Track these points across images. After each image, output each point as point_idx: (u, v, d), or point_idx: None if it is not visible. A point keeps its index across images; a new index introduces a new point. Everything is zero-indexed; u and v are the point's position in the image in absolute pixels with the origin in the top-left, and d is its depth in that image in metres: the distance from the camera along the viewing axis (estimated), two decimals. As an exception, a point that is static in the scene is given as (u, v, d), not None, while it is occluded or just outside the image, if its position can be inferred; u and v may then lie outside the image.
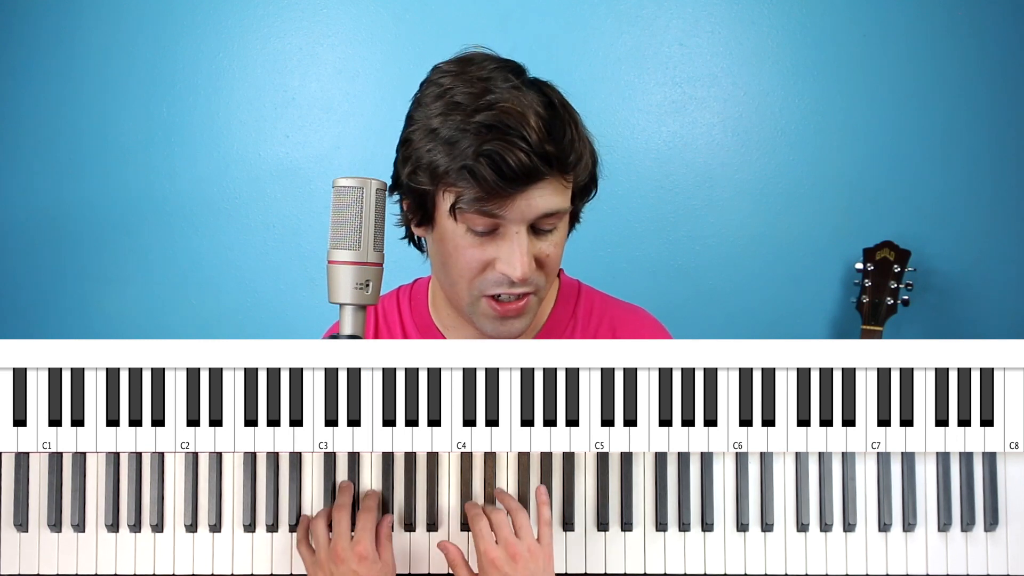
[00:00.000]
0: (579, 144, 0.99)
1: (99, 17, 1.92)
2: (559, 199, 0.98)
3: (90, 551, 0.93)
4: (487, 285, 1.00)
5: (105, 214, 1.95)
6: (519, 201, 0.95)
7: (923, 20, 1.84)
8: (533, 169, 0.93)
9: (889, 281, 1.76)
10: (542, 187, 0.95)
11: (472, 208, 0.95)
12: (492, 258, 0.99)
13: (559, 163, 0.96)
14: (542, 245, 1.00)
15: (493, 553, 0.87)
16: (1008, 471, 0.93)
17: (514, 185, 0.93)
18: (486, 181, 0.93)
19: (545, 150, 0.93)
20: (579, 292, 1.19)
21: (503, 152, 0.92)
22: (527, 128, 0.93)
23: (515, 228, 0.97)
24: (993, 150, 1.85)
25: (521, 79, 0.99)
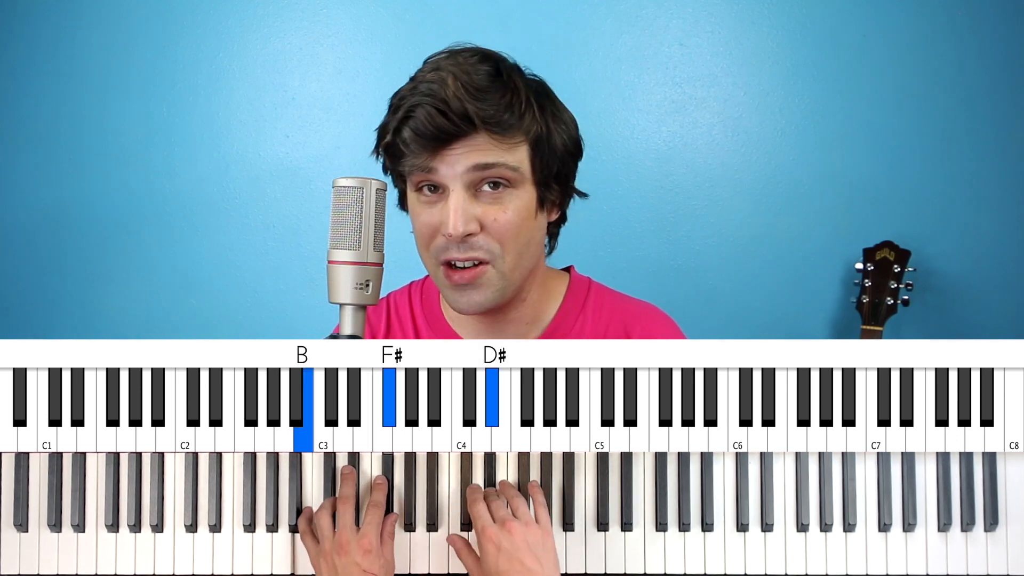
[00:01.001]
0: (521, 108, 1.02)
1: (99, 17, 1.92)
2: (495, 155, 1.01)
3: (90, 551, 0.93)
4: (438, 250, 1.04)
5: (105, 214, 1.95)
6: (448, 155, 1.00)
7: (923, 20, 1.84)
8: (450, 127, 0.98)
9: (889, 281, 1.76)
10: (471, 142, 1.00)
11: (412, 167, 1.02)
12: (439, 221, 1.03)
13: (485, 122, 0.99)
14: (488, 209, 1.02)
15: (490, 529, 0.88)
16: (1008, 471, 0.93)
17: (435, 142, 0.99)
18: (409, 144, 1.01)
19: (465, 109, 0.98)
20: (589, 288, 1.19)
21: (422, 115, 0.99)
22: (445, 89, 0.99)
23: (452, 185, 1.01)
24: (993, 150, 1.85)
25: (480, 56, 1.04)
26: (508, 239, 1.03)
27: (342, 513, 0.90)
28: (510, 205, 1.02)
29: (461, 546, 0.92)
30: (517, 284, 1.08)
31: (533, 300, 1.14)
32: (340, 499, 0.92)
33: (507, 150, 1.01)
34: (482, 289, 1.04)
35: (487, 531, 0.88)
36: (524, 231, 1.05)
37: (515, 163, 1.02)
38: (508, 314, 1.12)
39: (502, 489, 0.93)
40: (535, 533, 0.88)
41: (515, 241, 1.04)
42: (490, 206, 1.02)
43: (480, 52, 1.05)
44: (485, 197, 1.02)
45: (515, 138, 1.02)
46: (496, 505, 0.90)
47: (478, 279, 1.04)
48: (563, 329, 1.15)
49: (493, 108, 0.99)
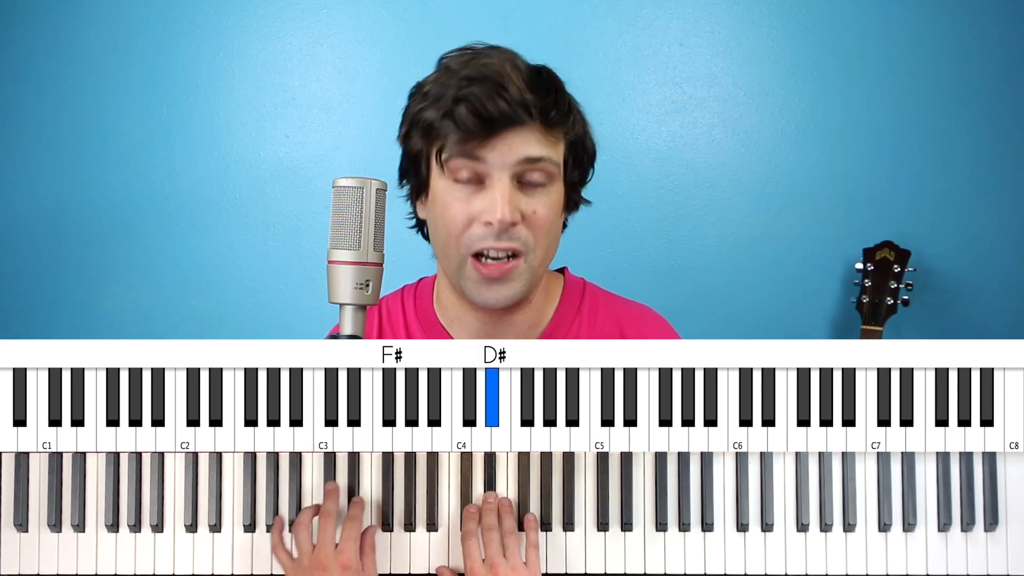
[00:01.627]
0: (564, 105, 1.02)
1: (99, 17, 1.92)
2: (543, 148, 1.00)
3: (90, 551, 0.93)
4: (473, 240, 1.02)
5: (105, 214, 1.95)
6: (499, 144, 0.99)
7: (923, 20, 1.84)
8: (511, 113, 0.97)
9: (889, 281, 1.76)
10: (523, 133, 0.99)
11: (455, 153, 1.00)
12: (477, 211, 1.01)
13: (541, 113, 0.99)
14: (529, 200, 1.02)
15: (478, 570, 0.89)
16: (1008, 471, 0.93)
17: (491, 127, 0.98)
18: (465, 124, 0.98)
19: (524, 98, 0.98)
20: (584, 290, 1.19)
21: (481, 96, 0.97)
22: (506, 77, 0.98)
23: (498, 175, 1.00)
24: (993, 150, 1.85)
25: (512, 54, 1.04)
26: (542, 233, 1.03)
27: (323, 528, 0.90)
28: (547, 200, 1.03)
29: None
30: (537, 280, 1.08)
31: (536, 302, 1.14)
32: (322, 515, 0.91)
33: (552, 145, 1.02)
34: (512, 283, 1.04)
35: (475, 571, 0.89)
36: (555, 227, 1.06)
37: (558, 159, 1.03)
38: (513, 315, 1.12)
39: (501, 516, 0.93)
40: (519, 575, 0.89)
41: (547, 236, 1.04)
42: (531, 199, 1.02)
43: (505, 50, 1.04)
44: (526, 190, 1.02)
45: (558, 134, 1.03)
46: (489, 540, 0.90)
47: (511, 273, 1.03)
48: (560, 331, 1.15)
49: (545, 100, 1.00)
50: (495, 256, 1.02)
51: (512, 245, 1.02)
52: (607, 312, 1.17)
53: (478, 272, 1.03)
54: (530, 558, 0.91)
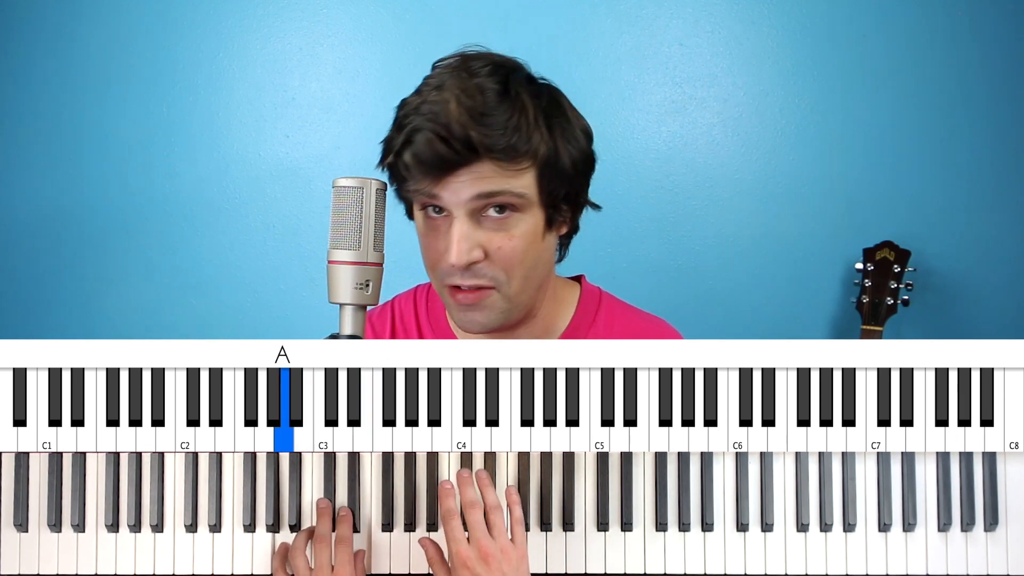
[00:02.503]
0: (528, 131, 0.97)
1: (99, 17, 1.92)
2: (499, 183, 0.96)
3: (90, 551, 0.93)
4: (443, 275, 1.01)
5: (105, 214, 1.95)
6: (451, 183, 0.96)
7: (923, 20, 1.84)
8: (451, 155, 0.94)
9: (889, 281, 1.76)
10: (475, 170, 0.96)
11: (412, 192, 1.00)
12: (444, 247, 0.99)
13: (488, 149, 0.94)
14: (492, 236, 0.98)
15: (465, 553, 0.86)
16: (1008, 471, 0.93)
17: (437, 170, 0.96)
18: (410, 170, 0.97)
19: (467, 135, 0.94)
20: (600, 301, 1.18)
21: (421, 141, 0.95)
22: (450, 116, 0.94)
23: (455, 212, 0.98)
24: (993, 150, 1.85)
25: (489, 69, 0.99)
26: (513, 265, 1.00)
27: (318, 552, 0.90)
28: (516, 231, 0.99)
29: (437, 560, 0.90)
30: (525, 305, 1.06)
31: (544, 314, 1.13)
32: (316, 539, 0.91)
33: (513, 176, 0.97)
34: (486, 311, 1.02)
35: (461, 555, 0.86)
36: (530, 255, 1.01)
37: (521, 189, 0.98)
38: (517, 330, 1.11)
39: (482, 490, 0.91)
40: (510, 560, 0.87)
41: (521, 266, 1.01)
42: (495, 232, 0.98)
43: (490, 62, 1.00)
44: (490, 223, 0.98)
45: (522, 164, 0.97)
46: (472, 521, 0.88)
47: (482, 301, 1.01)
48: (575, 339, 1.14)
49: (498, 132, 0.95)
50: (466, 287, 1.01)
51: (478, 282, 1.00)
52: (623, 324, 1.16)
53: (453, 298, 1.03)
54: (516, 534, 0.89)
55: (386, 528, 0.93)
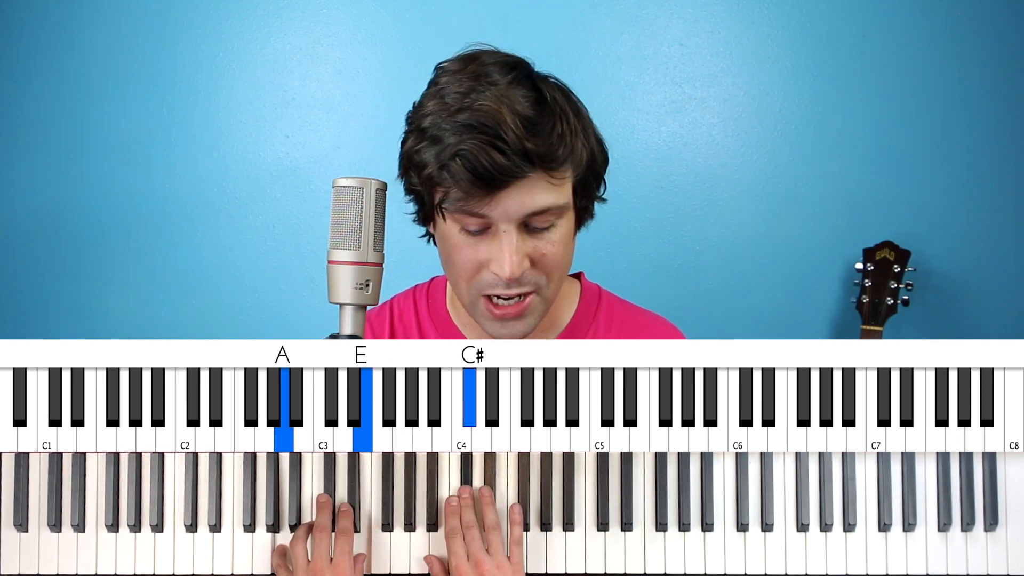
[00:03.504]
0: (571, 138, 0.97)
1: (99, 17, 1.92)
2: (549, 196, 0.96)
3: (90, 551, 0.93)
4: (483, 285, 1.00)
5: (105, 214, 1.95)
6: (504, 200, 0.95)
7: (923, 20, 1.84)
8: (510, 168, 0.92)
9: (889, 281, 1.76)
10: (527, 184, 0.94)
11: (456, 208, 0.96)
12: (485, 258, 0.98)
13: (543, 160, 0.94)
14: (538, 244, 0.99)
15: (463, 569, 0.88)
16: (1008, 471, 0.93)
17: (491, 185, 0.93)
18: (463, 182, 0.93)
19: (525, 147, 0.92)
20: (600, 297, 1.18)
21: (477, 152, 0.92)
22: (504, 127, 0.92)
23: (504, 227, 0.96)
24: (993, 150, 1.85)
25: (515, 74, 0.97)
26: (554, 267, 1.01)
27: (317, 542, 0.90)
28: (556, 236, 1.00)
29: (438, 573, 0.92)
30: (552, 302, 1.07)
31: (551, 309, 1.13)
32: (316, 529, 0.91)
33: (557, 187, 0.97)
34: (527, 319, 1.03)
35: (460, 569, 0.88)
36: (567, 258, 1.04)
37: (563, 201, 0.98)
38: None
39: (483, 510, 0.92)
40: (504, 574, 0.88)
41: (559, 268, 1.02)
42: (539, 241, 0.99)
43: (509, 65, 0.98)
44: (533, 233, 0.98)
45: (566, 172, 0.98)
46: (470, 538, 0.90)
47: (526, 310, 1.02)
48: (577, 336, 1.14)
49: (547, 143, 0.94)
50: (507, 300, 1.01)
51: (523, 290, 1.00)
52: (622, 320, 1.16)
53: (491, 313, 1.02)
54: (514, 554, 0.91)
55: (386, 528, 0.93)
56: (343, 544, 0.90)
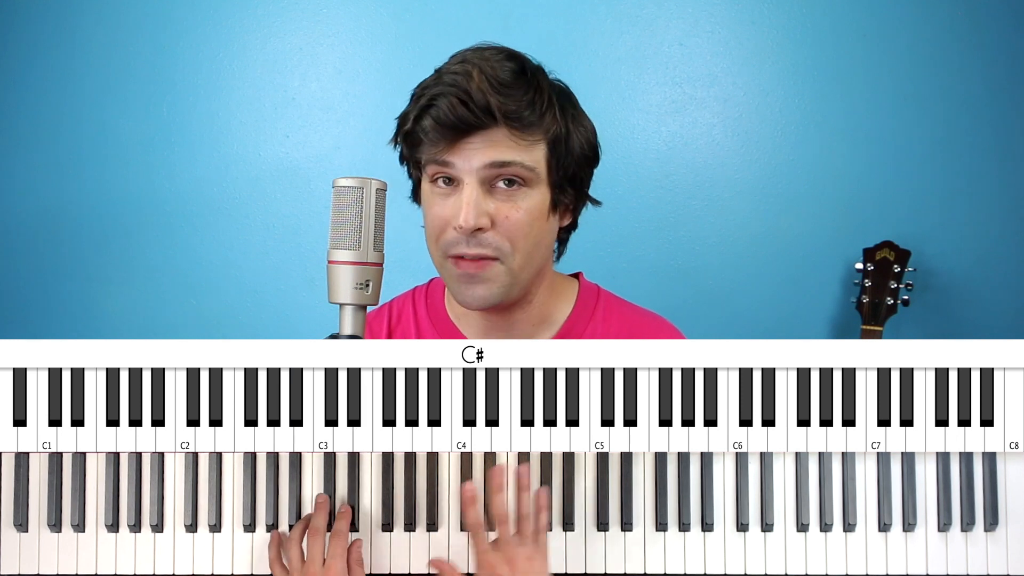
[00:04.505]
0: (543, 106, 1.02)
1: (99, 17, 1.92)
2: (512, 152, 1.00)
3: (90, 551, 0.93)
4: (448, 244, 1.03)
5: (105, 214, 1.94)
6: (465, 149, 1.00)
7: (923, 20, 1.84)
8: (470, 118, 0.98)
9: (889, 281, 1.76)
10: (490, 137, 1.00)
11: (428, 158, 1.02)
12: (451, 214, 1.02)
13: (506, 117, 0.99)
14: (500, 205, 1.02)
15: (492, 560, 0.88)
16: (1008, 471, 0.93)
17: (455, 133, 0.99)
18: (427, 131, 1.00)
19: (487, 101, 0.98)
20: (598, 296, 1.19)
21: (443, 104, 0.99)
22: (471, 82, 0.98)
23: (467, 180, 1.01)
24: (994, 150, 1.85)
25: (505, 53, 1.04)
26: (519, 237, 1.03)
27: (311, 545, 0.90)
28: (523, 204, 1.02)
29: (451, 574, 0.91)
30: (524, 284, 1.08)
31: (540, 302, 1.14)
32: (311, 531, 0.91)
33: (525, 148, 1.01)
34: (488, 283, 1.04)
35: (488, 562, 0.88)
36: (535, 231, 1.04)
37: (532, 163, 1.02)
38: (514, 314, 1.12)
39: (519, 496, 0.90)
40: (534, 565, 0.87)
41: (525, 240, 1.03)
42: (503, 203, 1.02)
43: (507, 51, 1.05)
44: (499, 194, 1.02)
45: (534, 136, 1.01)
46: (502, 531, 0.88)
47: (485, 271, 1.03)
48: (575, 333, 1.15)
49: (515, 104, 0.99)
50: (471, 256, 1.03)
51: (482, 251, 1.02)
52: (620, 319, 1.17)
53: (456, 268, 1.04)
54: (540, 541, 0.89)
55: (386, 528, 0.93)
56: (336, 546, 0.90)
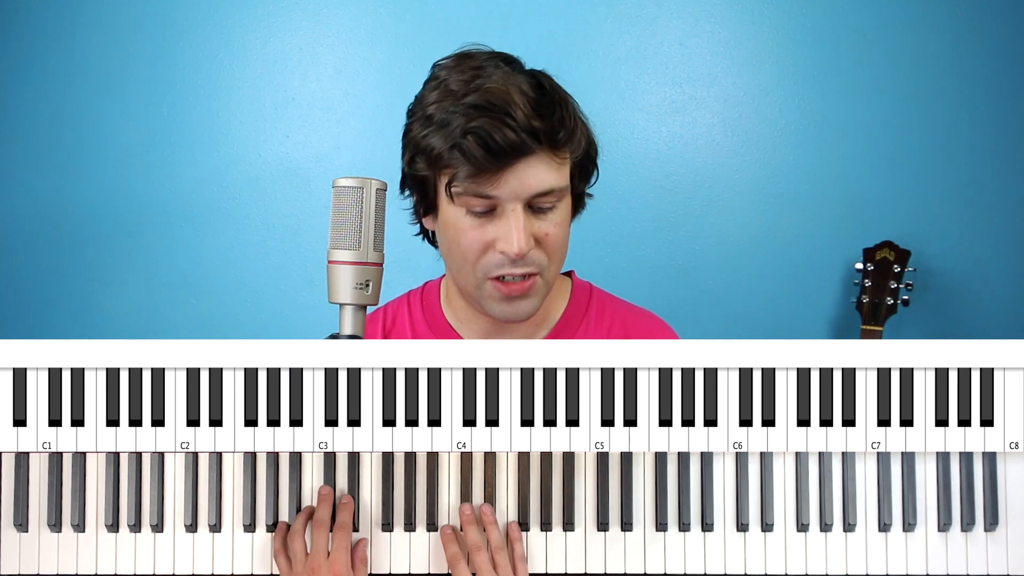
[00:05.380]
0: (570, 122, 1.02)
1: (99, 17, 1.92)
2: (553, 176, 1.00)
3: (90, 551, 0.93)
4: (490, 267, 1.02)
5: (105, 214, 1.94)
6: (510, 178, 0.98)
7: (923, 20, 1.84)
8: (520, 144, 0.96)
9: (889, 281, 1.76)
10: (533, 163, 0.98)
11: (465, 187, 0.99)
12: (492, 239, 1.01)
13: (548, 138, 0.98)
14: (541, 224, 1.02)
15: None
16: (1008, 471, 0.93)
17: (501, 160, 0.96)
18: (475, 158, 0.96)
19: (532, 126, 0.96)
20: (591, 294, 1.19)
21: (489, 128, 0.95)
22: (512, 105, 0.96)
23: (511, 206, 1.00)
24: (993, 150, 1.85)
25: (512, 65, 1.03)
26: (555, 249, 1.05)
27: (316, 537, 0.90)
28: (557, 218, 1.04)
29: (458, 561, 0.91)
30: (551, 288, 1.10)
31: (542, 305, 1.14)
32: (315, 523, 0.91)
33: (559, 168, 1.01)
34: (531, 299, 1.06)
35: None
36: (566, 240, 1.07)
37: (565, 183, 1.03)
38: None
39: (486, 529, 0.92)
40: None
41: (561, 251, 1.06)
42: (543, 222, 1.03)
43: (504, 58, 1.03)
44: (538, 214, 1.02)
45: (567, 154, 1.02)
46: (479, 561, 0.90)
47: (531, 289, 1.04)
48: (568, 332, 1.15)
49: (550, 124, 0.99)
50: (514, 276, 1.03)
51: (528, 269, 1.03)
52: (613, 316, 1.17)
53: (499, 291, 1.04)
54: (519, 571, 0.91)
55: (386, 528, 0.93)
56: (341, 539, 0.90)
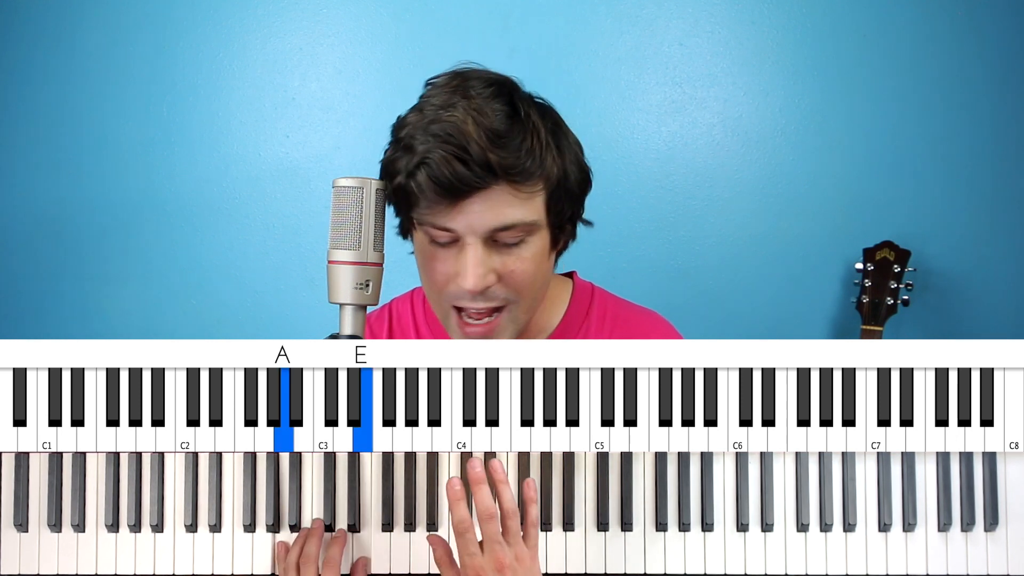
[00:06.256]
0: (542, 152, 0.96)
1: (99, 17, 1.92)
2: (516, 211, 0.95)
3: (90, 551, 0.93)
4: (451, 297, 1.00)
5: (105, 214, 1.95)
6: (468, 212, 0.94)
7: (923, 20, 1.84)
8: (471, 178, 0.92)
9: (889, 281, 1.76)
10: (492, 197, 0.94)
11: (425, 219, 0.96)
12: (453, 271, 0.98)
13: (507, 172, 0.93)
14: (506, 259, 0.97)
15: (479, 564, 0.84)
16: (1008, 471, 0.93)
17: (453, 195, 0.92)
18: (427, 191, 0.93)
19: (487, 159, 0.92)
20: (592, 295, 1.18)
21: (440, 162, 0.92)
22: (467, 138, 0.92)
23: (469, 239, 0.95)
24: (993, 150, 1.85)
25: (493, 89, 0.97)
26: (524, 286, 1.00)
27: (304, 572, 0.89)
28: (526, 253, 0.98)
29: (446, 562, 0.87)
30: (531, 319, 1.07)
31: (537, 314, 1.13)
32: (303, 558, 0.90)
33: (525, 201, 0.96)
34: (498, 335, 1.02)
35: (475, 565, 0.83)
36: (539, 275, 1.02)
37: (533, 216, 0.97)
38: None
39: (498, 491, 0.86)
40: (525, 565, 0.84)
41: (531, 286, 1.01)
42: (507, 257, 0.98)
43: (492, 82, 0.98)
44: (502, 248, 0.97)
45: (534, 186, 0.96)
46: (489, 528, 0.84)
47: (495, 329, 1.01)
48: (570, 333, 1.15)
49: (514, 156, 0.93)
50: (475, 316, 1.00)
51: (490, 305, 0.99)
52: (615, 317, 1.16)
53: (461, 329, 1.02)
54: (530, 536, 0.87)
55: (386, 528, 0.93)
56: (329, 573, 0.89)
